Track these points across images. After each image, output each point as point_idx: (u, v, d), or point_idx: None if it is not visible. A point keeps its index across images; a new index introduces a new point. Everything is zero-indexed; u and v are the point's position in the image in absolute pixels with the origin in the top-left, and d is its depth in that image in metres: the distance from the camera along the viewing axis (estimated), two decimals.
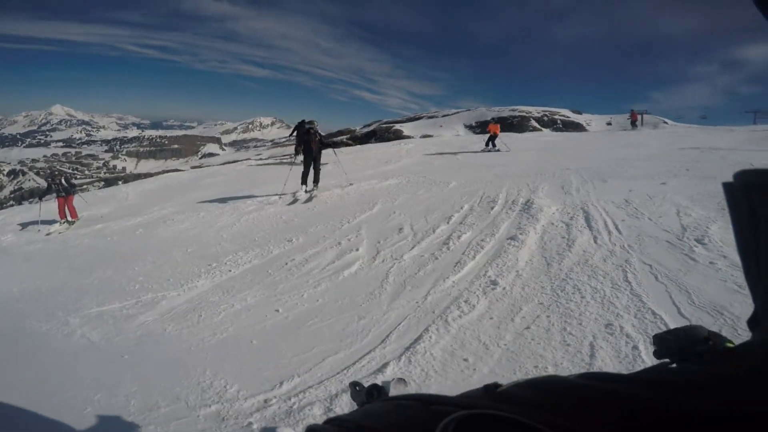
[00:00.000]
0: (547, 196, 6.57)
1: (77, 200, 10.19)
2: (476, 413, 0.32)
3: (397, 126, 38.68)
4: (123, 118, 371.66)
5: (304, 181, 8.69)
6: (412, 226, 5.62)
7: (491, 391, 0.43)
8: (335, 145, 9.81)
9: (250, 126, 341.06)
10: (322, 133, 8.90)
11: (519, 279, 3.87)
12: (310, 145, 8.58)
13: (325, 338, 3.23)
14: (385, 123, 41.82)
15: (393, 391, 2.17)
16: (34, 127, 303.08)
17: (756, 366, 0.33)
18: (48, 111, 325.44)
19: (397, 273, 4.30)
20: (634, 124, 24.34)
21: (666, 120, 32.55)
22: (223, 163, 19.24)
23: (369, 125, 41.81)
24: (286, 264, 4.78)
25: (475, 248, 4.68)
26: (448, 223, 5.61)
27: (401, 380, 2.53)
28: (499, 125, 14.96)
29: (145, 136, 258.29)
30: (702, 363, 0.45)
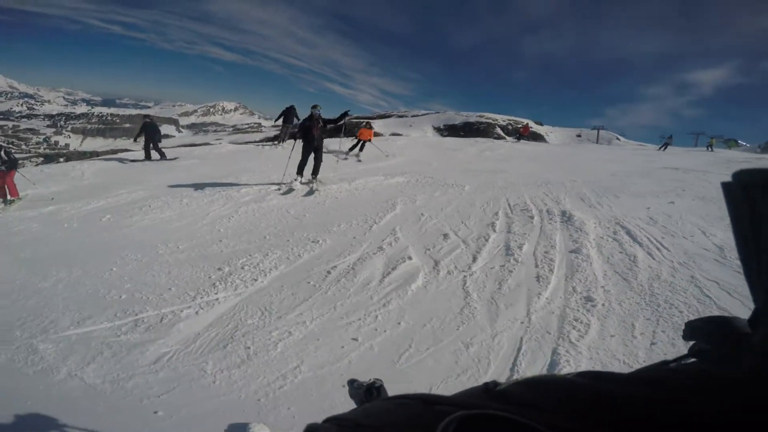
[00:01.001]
0: (576, 209, 6.08)
1: (17, 177, 8.31)
2: (476, 413, 0.31)
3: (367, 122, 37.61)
4: (72, 93, 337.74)
5: (300, 172, 7.65)
6: (456, 233, 4.86)
7: (491, 389, 0.42)
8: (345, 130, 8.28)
9: (211, 110, 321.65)
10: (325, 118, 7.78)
11: (609, 294, 3.58)
12: (311, 132, 7.51)
13: (438, 375, 2.46)
14: (355, 118, 40.78)
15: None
16: None
17: (755, 366, 0.32)
18: None
19: (476, 288, 3.59)
20: (521, 137, 23.30)
21: (619, 136, 34.26)
22: (190, 145, 17.28)
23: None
24: (329, 273, 3.82)
25: (546, 261, 4.14)
26: (494, 230, 4.91)
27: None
28: (372, 131, 12.29)
29: (95, 113, 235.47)
30: (700, 362, 0.41)
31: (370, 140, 11.94)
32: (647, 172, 11.04)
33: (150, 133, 11.51)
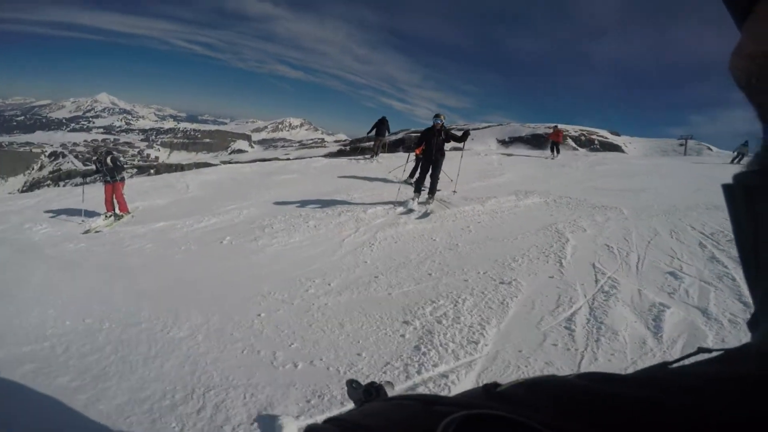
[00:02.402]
0: None
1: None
2: (477, 413, 0.30)
3: None
4: (162, 109, 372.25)
5: (417, 190, 6.65)
6: (680, 270, 3.56)
7: (491, 390, 0.40)
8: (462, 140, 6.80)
9: (279, 126, 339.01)
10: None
11: None
12: (431, 145, 6.51)
13: None
14: (413, 132, 39.74)
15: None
16: (80, 113, 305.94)
17: (754, 368, 0.31)
18: (94, 98, 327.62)
19: None
20: (555, 146, 15.08)
21: (710, 147, 29.77)
22: (261, 160, 17.42)
23: (396, 133, 39.72)
24: (570, 329, 2.69)
25: None
26: (724, 266, 3.57)
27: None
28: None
29: (180, 129, 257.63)
30: (701, 364, 0.37)
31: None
32: None
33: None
